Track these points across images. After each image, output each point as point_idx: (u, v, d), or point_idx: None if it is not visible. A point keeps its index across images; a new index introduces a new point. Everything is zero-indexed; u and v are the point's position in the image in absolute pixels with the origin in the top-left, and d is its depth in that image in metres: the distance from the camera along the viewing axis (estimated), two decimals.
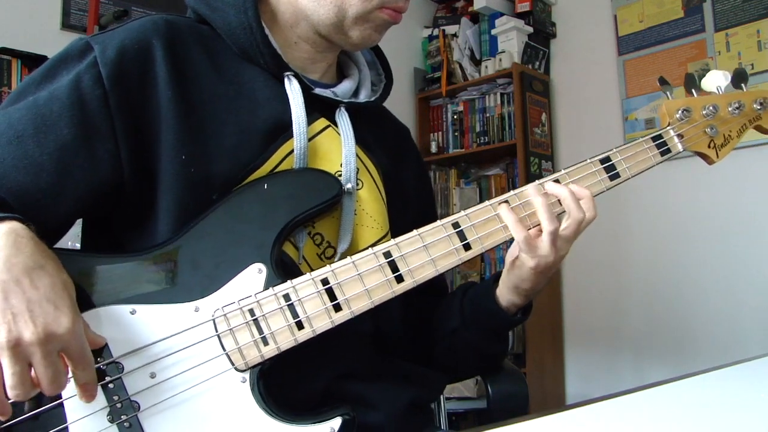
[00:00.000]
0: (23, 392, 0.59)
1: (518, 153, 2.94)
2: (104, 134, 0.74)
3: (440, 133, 3.30)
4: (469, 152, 3.19)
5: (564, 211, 0.80)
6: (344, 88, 0.91)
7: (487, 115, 3.15)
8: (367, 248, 0.75)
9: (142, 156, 0.76)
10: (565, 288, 2.97)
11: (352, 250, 0.83)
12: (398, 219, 0.90)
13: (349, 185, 0.82)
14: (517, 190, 0.82)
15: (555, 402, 2.90)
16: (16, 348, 0.58)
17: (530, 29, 3.09)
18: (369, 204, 0.85)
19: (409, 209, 0.95)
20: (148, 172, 0.76)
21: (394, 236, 0.87)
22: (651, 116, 2.83)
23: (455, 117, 3.26)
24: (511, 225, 0.78)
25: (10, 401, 0.60)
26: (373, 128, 0.93)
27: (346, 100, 0.88)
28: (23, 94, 0.75)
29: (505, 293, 0.85)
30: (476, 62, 3.24)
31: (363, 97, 0.93)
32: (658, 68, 2.82)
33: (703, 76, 0.94)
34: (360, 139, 0.87)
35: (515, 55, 3.04)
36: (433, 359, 0.95)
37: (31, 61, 2.04)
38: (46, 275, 0.62)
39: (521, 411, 1.00)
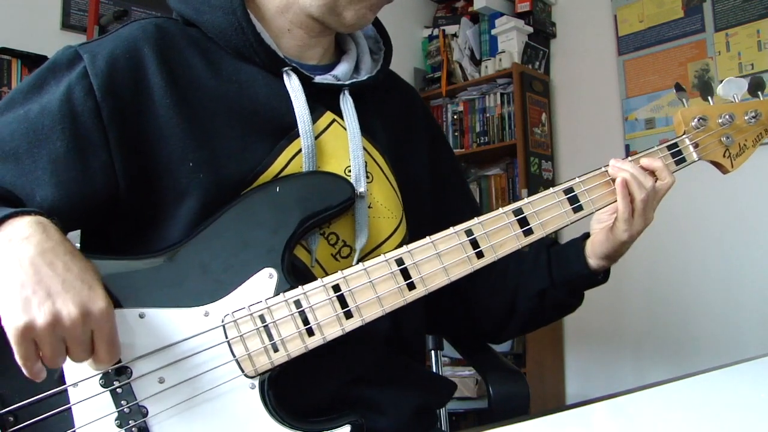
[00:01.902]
0: (60, 363, 0.61)
1: (518, 153, 2.94)
2: (97, 146, 0.73)
3: None
4: (469, 152, 3.19)
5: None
6: (343, 69, 0.89)
7: (487, 115, 3.14)
8: (380, 253, 0.75)
9: (141, 166, 0.75)
10: None
11: (370, 246, 0.83)
12: (412, 202, 0.90)
13: (361, 189, 0.81)
14: (536, 196, 0.82)
15: (555, 402, 2.90)
16: (56, 327, 0.59)
17: (530, 29, 3.09)
18: (381, 194, 0.85)
19: (423, 189, 0.95)
20: (150, 182, 0.75)
21: (409, 219, 0.87)
22: (651, 116, 2.83)
23: (455, 117, 3.26)
24: (620, 196, 0.82)
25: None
26: (379, 103, 0.92)
27: (348, 82, 0.87)
28: (11, 105, 0.74)
29: (594, 259, 0.89)
30: (476, 62, 3.24)
31: (364, 72, 0.91)
32: (658, 68, 2.82)
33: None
34: (365, 127, 0.86)
35: (515, 55, 3.04)
36: (511, 319, 0.97)
37: (31, 61, 2.04)
38: (76, 260, 0.64)
39: (521, 411, 1.00)
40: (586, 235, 0.91)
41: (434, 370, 1.32)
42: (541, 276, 0.93)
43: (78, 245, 0.86)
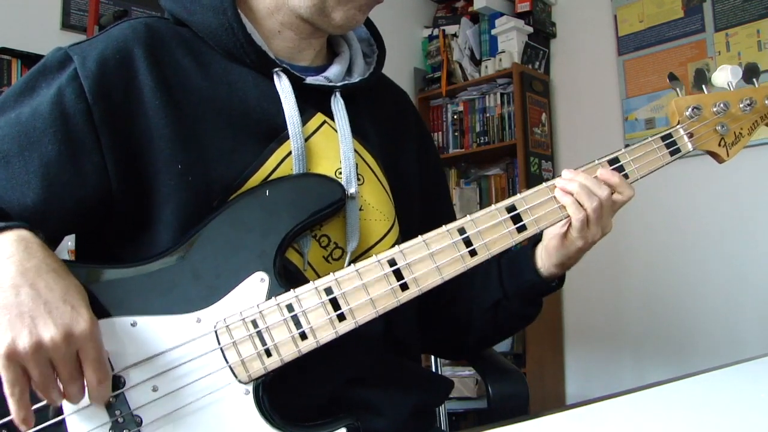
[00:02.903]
0: (51, 393, 0.60)
1: (518, 153, 2.94)
2: (89, 149, 0.73)
3: (440, 133, 3.30)
4: (469, 152, 3.19)
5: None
6: (335, 70, 0.88)
7: (487, 115, 3.14)
8: (372, 255, 0.74)
9: (132, 168, 0.74)
10: (565, 288, 2.96)
11: (362, 248, 0.82)
12: (404, 205, 0.90)
13: (352, 190, 0.80)
14: (529, 191, 0.81)
15: (555, 402, 2.90)
16: (40, 350, 0.58)
17: (530, 29, 3.09)
18: (373, 197, 0.85)
19: (414, 192, 0.95)
20: (140, 184, 0.75)
21: (401, 223, 0.87)
22: (651, 116, 2.83)
23: (455, 117, 3.26)
24: (569, 205, 0.80)
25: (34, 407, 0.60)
26: (370, 107, 0.92)
27: (339, 84, 0.86)
28: (3, 109, 0.74)
29: (548, 266, 0.87)
30: (476, 62, 3.24)
31: (357, 74, 0.90)
32: (658, 68, 2.82)
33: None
34: (357, 130, 0.85)
35: (515, 55, 3.04)
36: (469, 335, 0.95)
37: (31, 61, 2.04)
38: (60, 278, 0.62)
39: (521, 411, 1.00)
40: (536, 242, 0.89)
41: (433, 369, 1.32)
42: (493, 288, 0.91)
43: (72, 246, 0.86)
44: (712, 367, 0.79)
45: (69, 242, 1.13)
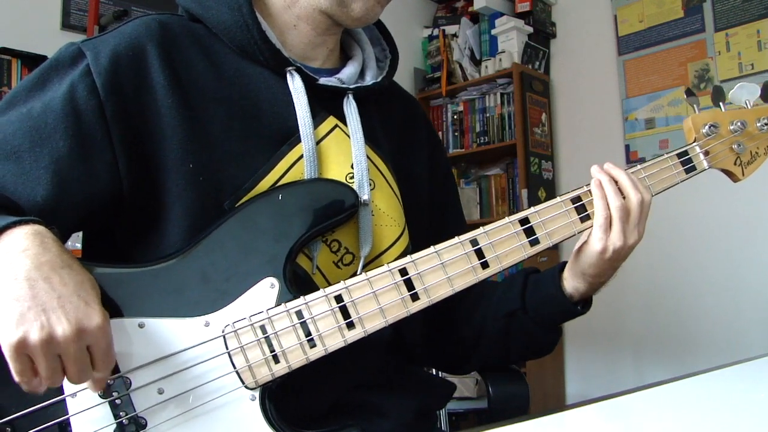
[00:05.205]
0: (58, 381, 0.60)
1: (518, 153, 2.94)
2: (101, 146, 0.72)
3: (440, 133, 3.30)
4: (469, 152, 3.19)
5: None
6: (349, 72, 0.88)
7: (487, 115, 3.15)
8: (383, 260, 0.74)
9: (143, 166, 0.74)
10: None
11: (373, 254, 0.82)
12: (413, 211, 0.89)
13: (365, 196, 0.80)
14: (543, 204, 0.80)
15: (555, 402, 2.90)
16: (50, 344, 0.58)
17: (530, 29, 3.09)
18: (383, 202, 0.84)
19: (423, 199, 0.94)
20: (151, 183, 0.74)
21: (410, 230, 0.87)
22: (651, 116, 2.83)
23: (455, 117, 3.26)
24: (597, 199, 0.79)
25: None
26: (382, 111, 0.91)
27: (352, 86, 0.86)
28: (14, 103, 0.73)
29: (570, 279, 0.84)
30: (476, 62, 3.24)
31: (369, 78, 0.90)
32: (658, 68, 2.82)
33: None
34: (368, 134, 0.85)
35: (515, 55, 3.04)
36: (477, 347, 0.93)
37: (31, 61, 2.04)
38: (74, 273, 0.62)
39: (521, 411, 1.00)
40: (565, 263, 0.87)
41: (434, 370, 1.32)
42: (512, 298, 0.89)
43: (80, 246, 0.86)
44: (712, 367, 0.79)
45: (69, 242, 1.12)
